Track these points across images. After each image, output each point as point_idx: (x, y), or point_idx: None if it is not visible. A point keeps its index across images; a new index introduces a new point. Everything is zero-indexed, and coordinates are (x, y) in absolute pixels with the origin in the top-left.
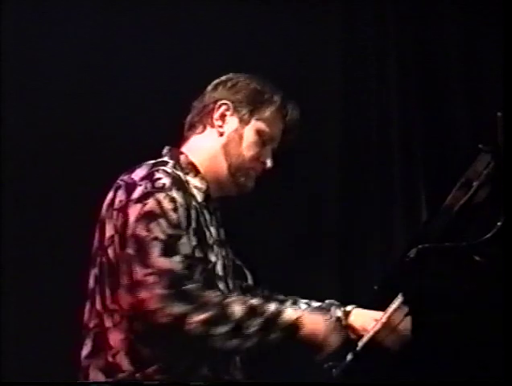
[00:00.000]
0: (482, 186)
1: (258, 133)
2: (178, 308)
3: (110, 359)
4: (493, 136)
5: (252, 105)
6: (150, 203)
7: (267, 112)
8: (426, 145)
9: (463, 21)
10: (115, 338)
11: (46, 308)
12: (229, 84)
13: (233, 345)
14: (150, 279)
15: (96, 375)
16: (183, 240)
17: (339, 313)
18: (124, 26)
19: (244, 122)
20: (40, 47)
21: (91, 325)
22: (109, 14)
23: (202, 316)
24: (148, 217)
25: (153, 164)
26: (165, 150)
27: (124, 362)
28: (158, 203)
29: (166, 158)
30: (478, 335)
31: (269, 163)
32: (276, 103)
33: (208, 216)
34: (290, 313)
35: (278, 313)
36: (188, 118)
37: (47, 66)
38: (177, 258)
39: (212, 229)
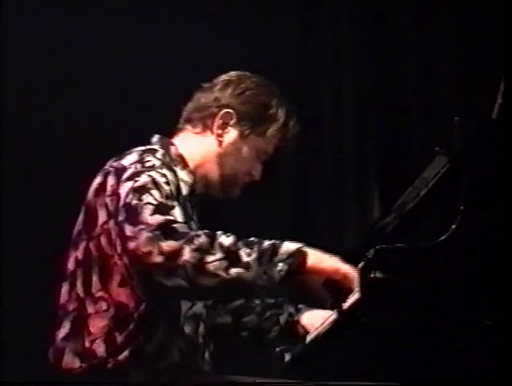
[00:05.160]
0: (437, 186)
1: (256, 149)
2: (169, 244)
3: (88, 344)
4: (449, 140)
5: (255, 120)
6: (142, 179)
7: (269, 130)
8: (380, 147)
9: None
10: (96, 324)
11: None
12: (238, 91)
13: (235, 276)
14: (140, 231)
15: (71, 360)
16: (177, 209)
17: (291, 309)
18: (120, 18)
19: (243, 137)
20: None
21: (70, 308)
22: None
23: (193, 245)
24: (140, 190)
25: (143, 151)
26: (155, 138)
27: (100, 348)
28: (150, 177)
29: (156, 147)
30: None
31: (257, 177)
32: (279, 121)
33: (189, 210)
34: (288, 244)
35: (274, 244)
36: (188, 108)
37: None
38: (169, 217)
39: (193, 224)
